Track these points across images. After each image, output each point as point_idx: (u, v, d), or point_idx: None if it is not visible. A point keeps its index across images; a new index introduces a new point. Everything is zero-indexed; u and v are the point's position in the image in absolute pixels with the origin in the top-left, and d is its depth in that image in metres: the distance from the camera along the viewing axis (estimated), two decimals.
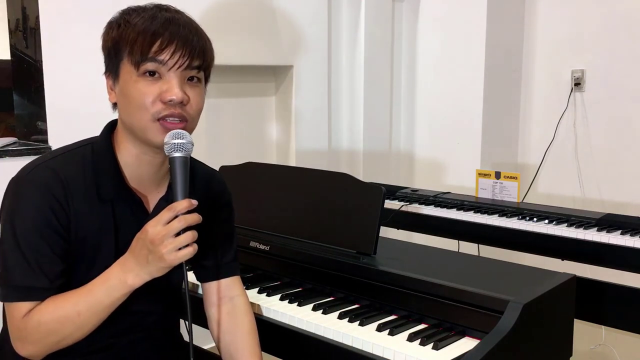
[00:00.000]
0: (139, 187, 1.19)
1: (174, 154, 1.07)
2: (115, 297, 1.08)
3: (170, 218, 1.03)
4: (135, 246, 1.07)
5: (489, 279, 1.42)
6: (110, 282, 1.08)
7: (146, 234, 1.04)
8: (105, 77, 1.16)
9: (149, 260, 1.04)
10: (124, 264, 1.08)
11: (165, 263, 1.04)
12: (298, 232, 1.63)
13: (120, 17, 1.13)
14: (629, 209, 2.98)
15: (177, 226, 1.03)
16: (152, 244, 1.03)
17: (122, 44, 1.09)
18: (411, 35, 3.48)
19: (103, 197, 1.14)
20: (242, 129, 2.88)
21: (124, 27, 1.10)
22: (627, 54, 3.03)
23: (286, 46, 2.86)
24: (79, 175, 1.13)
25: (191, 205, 1.05)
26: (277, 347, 1.42)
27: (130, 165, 1.17)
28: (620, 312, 2.09)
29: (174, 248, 1.02)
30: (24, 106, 2.29)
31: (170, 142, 1.08)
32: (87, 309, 1.07)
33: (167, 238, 1.02)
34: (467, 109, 3.28)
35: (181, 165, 1.07)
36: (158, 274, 1.07)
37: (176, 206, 1.04)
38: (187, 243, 1.04)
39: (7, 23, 2.28)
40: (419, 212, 2.53)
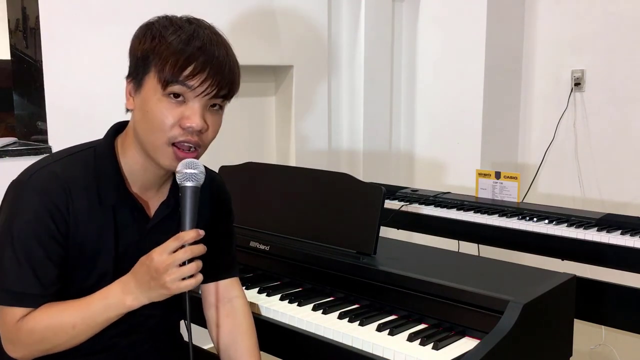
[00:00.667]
0: (141, 192, 1.19)
1: (185, 183, 1.07)
2: (111, 316, 1.08)
3: (176, 247, 1.04)
4: (138, 270, 1.07)
5: (489, 279, 1.42)
6: (109, 300, 1.08)
7: (151, 261, 1.04)
8: (127, 81, 1.14)
9: (151, 286, 1.05)
10: (125, 285, 1.08)
11: (167, 291, 1.05)
12: (298, 232, 1.63)
13: (156, 29, 1.10)
14: (629, 209, 2.97)
15: (182, 257, 1.03)
16: (157, 272, 1.03)
17: (153, 59, 1.07)
18: (411, 35, 3.48)
19: (104, 203, 1.13)
20: (242, 129, 2.88)
21: (159, 42, 1.07)
22: (627, 54, 3.03)
23: (286, 46, 2.86)
24: (81, 180, 1.12)
25: (198, 236, 1.06)
26: (277, 347, 1.42)
27: (134, 172, 1.16)
28: (620, 312, 2.10)
29: (177, 278, 1.03)
30: (24, 106, 2.29)
31: (182, 171, 1.07)
32: (82, 322, 1.07)
33: (171, 267, 1.03)
34: (467, 109, 3.27)
35: (192, 195, 1.08)
36: (158, 299, 1.07)
37: (184, 236, 1.05)
38: (191, 274, 1.04)
39: (7, 23, 2.29)
40: (419, 212, 2.53)
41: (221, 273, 1.34)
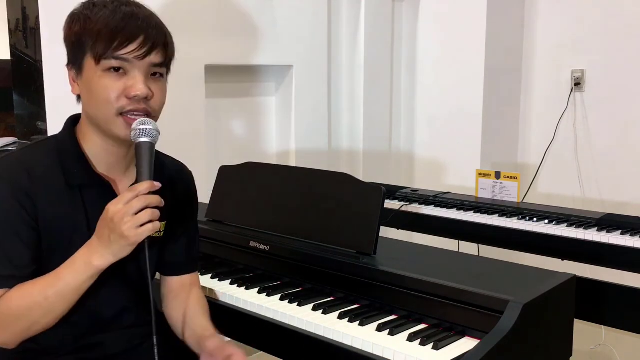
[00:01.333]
0: (108, 173, 1.22)
1: (140, 139, 1.11)
2: (81, 280, 1.09)
3: (131, 198, 1.06)
4: (99, 227, 1.09)
5: (489, 279, 1.42)
6: (76, 265, 1.10)
7: (107, 213, 1.06)
8: (68, 69, 1.19)
9: (111, 239, 1.06)
10: (90, 246, 1.10)
11: (127, 241, 1.05)
12: (298, 232, 1.63)
13: (82, 11, 1.15)
14: (629, 209, 2.97)
15: (137, 205, 1.05)
16: (112, 221, 1.05)
17: (85, 39, 1.12)
18: (411, 35, 3.48)
19: (71, 183, 1.17)
20: (242, 129, 2.88)
21: (85, 22, 1.13)
22: (627, 54, 3.03)
23: (286, 46, 2.86)
24: (45, 165, 1.16)
25: (153, 186, 1.08)
26: (277, 347, 1.42)
27: (97, 155, 1.20)
28: (620, 312, 2.09)
29: (133, 225, 1.04)
30: (24, 106, 2.29)
31: (136, 127, 1.11)
32: (55, 293, 1.09)
33: (127, 216, 1.04)
34: (467, 109, 3.27)
35: (146, 150, 1.11)
36: (122, 253, 1.08)
37: (138, 187, 1.07)
38: (147, 220, 1.05)
39: (7, 23, 2.28)
40: (419, 212, 2.53)
41: (185, 267, 1.38)
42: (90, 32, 1.12)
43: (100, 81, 1.12)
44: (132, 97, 1.12)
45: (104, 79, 1.12)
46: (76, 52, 1.15)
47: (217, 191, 1.85)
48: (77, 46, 1.14)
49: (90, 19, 1.13)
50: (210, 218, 1.84)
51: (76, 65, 1.16)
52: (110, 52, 1.11)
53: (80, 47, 1.14)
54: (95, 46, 1.11)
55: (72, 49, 1.16)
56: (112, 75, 1.12)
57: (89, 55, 1.13)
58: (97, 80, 1.13)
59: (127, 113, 1.13)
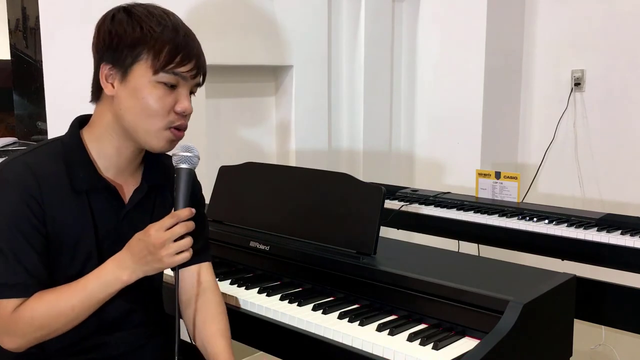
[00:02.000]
0: (115, 177, 1.23)
1: (181, 165, 1.16)
2: (109, 292, 1.14)
3: (172, 224, 1.11)
4: (134, 246, 1.12)
5: (489, 279, 1.42)
6: (105, 277, 1.13)
7: (149, 237, 1.10)
8: (103, 66, 1.17)
9: (147, 260, 1.11)
10: (120, 261, 1.13)
11: (163, 265, 1.12)
12: (298, 232, 1.63)
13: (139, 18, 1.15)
14: (629, 209, 2.97)
15: (179, 232, 1.11)
16: (154, 247, 1.10)
17: (145, 48, 1.14)
18: (411, 35, 3.48)
19: (77, 189, 1.17)
20: (242, 129, 2.88)
21: (148, 32, 1.14)
22: (627, 54, 3.03)
23: (286, 46, 2.86)
24: (52, 168, 1.16)
25: (191, 213, 1.13)
26: (277, 347, 1.42)
27: (107, 157, 1.21)
28: (620, 312, 2.10)
29: (173, 252, 1.11)
30: (24, 106, 2.29)
31: (179, 154, 1.16)
32: (81, 303, 1.12)
33: (168, 242, 1.10)
34: (467, 109, 3.27)
35: (186, 177, 1.16)
36: (152, 273, 1.14)
37: (179, 214, 1.12)
38: (185, 248, 1.12)
39: (7, 23, 2.29)
40: (419, 212, 2.53)
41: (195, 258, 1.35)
42: (153, 43, 1.13)
43: (153, 91, 1.15)
44: (180, 112, 1.17)
45: (157, 90, 1.15)
46: (126, 55, 1.14)
47: (217, 191, 1.86)
48: (131, 51, 1.14)
49: (153, 29, 1.14)
50: (210, 218, 1.83)
51: (121, 68, 1.15)
52: (171, 67, 1.14)
53: (134, 53, 1.14)
54: (158, 58, 1.14)
55: (122, 51, 1.14)
56: (165, 89, 1.16)
57: (144, 64, 1.14)
58: (149, 89, 1.14)
59: (174, 127, 1.18)
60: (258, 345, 1.48)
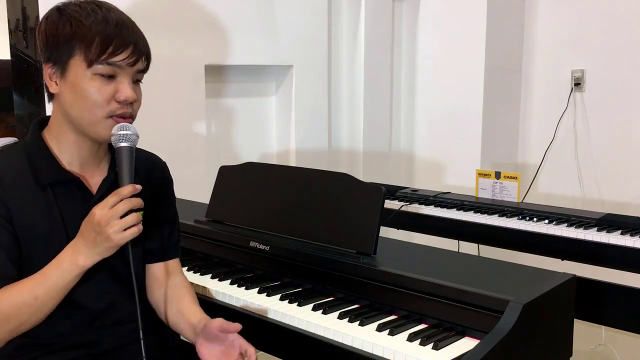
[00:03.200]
0: (80, 170, 1.25)
1: (120, 144, 1.16)
2: (68, 279, 1.14)
3: (116, 202, 1.11)
4: (84, 229, 1.13)
5: (489, 279, 1.42)
6: (63, 265, 1.14)
7: (93, 216, 1.11)
8: (45, 66, 1.21)
9: (97, 241, 1.11)
10: (75, 247, 1.14)
11: (112, 243, 1.11)
12: (298, 232, 1.63)
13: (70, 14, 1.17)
14: (629, 209, 2.97)
15: (122, 208, 1.10)
16: (99, 225, 1.10)
17: (76, 42, 1.16)
18: (411, 35, 3.48)
19: (41, 182, 1.20)
20: (242, 129, 2.88)
21: (78, 26, 1.16)
22: (627, 54, 3.03)
23: (286, 46, 2.86)
24: (14, 168, 1.19)
25: (135, 190, 1.13)
26: (277, 347, 1.42)
27: (68, 152, 1.23)
28: (620, 312, 2.10)
29: (120, 229, 1.10)
30: (24, 106, 2.29)
31: (117, 133, 1.16)
32: (44, 292, 1.13)
33: (113, 219, 1.09)
34: (467, 109, 3.27)
35: (127, 154, 1.16)
36: (107, 253, 1.14)
37: (122, 191, 1.12)
38: (132, 224, 1.11)
39: (7, 23, 2.28)
40: (419, 212, 2.53)
41: (166, 253, 1.39)
42: (83, 36, 1.15)
43: (90, 83, 1.16)
44: (121, 101, 1.18)
45: (95, 82, 1.16)
46: (62, 52, 1.17)
47: (217, 191, 1.85)
48: (65, 47, 1.16)
49: (82, 23, 1.16)
50: (210, 218, 1.84)
51: (59, 65, 1.18)
52: (104, 58, 1.15)
53: (68, 49, 1.16)
54: (89, 51, 1.15)
55: (57, 49, 1.18)
56: (103, 79, 1.17)
57: (78, 58, 1.16)
58: (87, 82, 1.16)
59: (116, 116, 1.18)
60: (258, 345, 1.48)
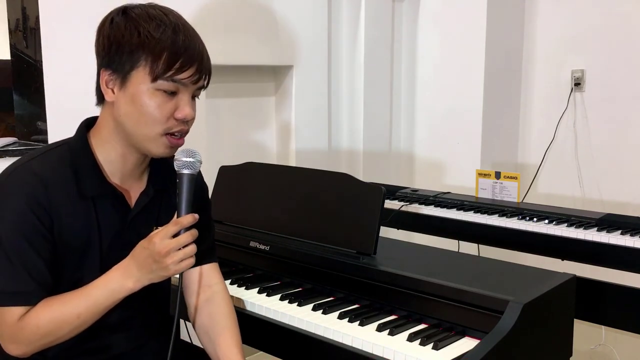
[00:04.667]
0: (121, 182, 1.22)
1: (184, 170, 1.13)
2: (114, 300, 1.13)
3: (175, 232, 1.10)
4: (139, 254, 1.11)
5: (489, 279, 1.42)
6: (111, 285, 1.12)
7: (154, 245, 1.09)
8: (102, 72, 1.15)
9: (152, 269, 1.10)
10: (126, 269, 1.12)
11: (169, 273, 1.11)
12: (298, 232, 1.63)
13: (137, 22, 1.12)
14: (629, 209, 2.97)
15: (184, 240, 1.10)
16: (159, 255, 1.08)
17: (143, 54, 1.11)
18: (411, 35, 3.48)
19: (84, 194, 1.16)
20: (242, 129, 2.88)
21: (147, 37, 1.11)
22: (627, 54, 3.03)
23: (286, 46, 2.86)
24: (59, 175, 1.15)
25: (195, 220, 1.12)
26: (277, 347, 1.42)
27: (112, 162, 1.20)
28: (620, 312, 2.10)
29: (178, 260, 1.09)
30: (24, 106, 2.29)
31: (181, 159, 1.13)
32: (87, 310, 1.11)
33: (173, 251, 1.09)
34: (467, 109, 3.27)
35: (188, 183, 1.14)
36: (157, 280, 1.13)
37: (182, 221, 1.11)
38: (190, 255, 1.11)
39: (7, 23, 2.28)
40: (419, 212, 2.53)
41: (201, 258, 1.36)
42: (151, 49, 1.10)
43: (152, 98, 1.12)
44: (180, 119, 1.15)
45: (157, 97, 1.12)
46: (125, 61, 1.12)
47: (217, 191, 1.85)
48: (129, 57, 1.11)
49: (151, 34, 1.11)
50: None
51: (120, 74, 1.13)
52: (170, 75, 1.12)
53: (133, 59, 1.11)
54: (156, 65, 1.11)
55: (121, 56, 1.12)
56: (165, 95, 1.13)
57: (142, 70, 1.11)
58: (148, 96, 1.12)
59: (172, 133, 1.16)
60: (258, 345, 1.48)
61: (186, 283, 1.37)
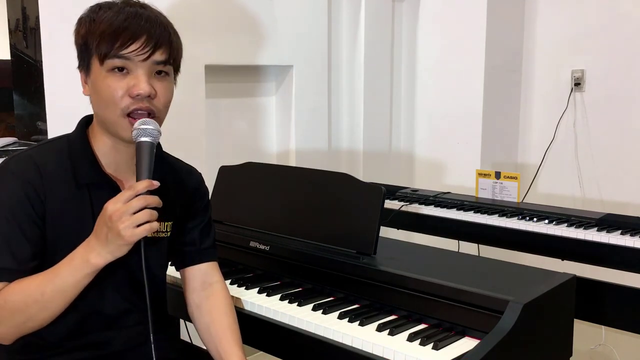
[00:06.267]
0: (116, 173, 1.24)
1: (140, 138, 1.11)
2: (79, 277, 1.09)
3: (130, 197, 1.05)
4: (97, 225, 1.09)
5: (489, 279, 1.42)
6: (74, 262, 1.09)
7: (105, 211, 1.06)
8: (79, 71, 1.21)
9: (108, 238, 1.06)
10: (88, 244, 1.09)
11: (123, 240, 1.05)
12: (298, 232, 1.63)
13: (88, 14, 1.18)
14: (629, 209, 2.97)
15: (135, 205, 1.04)
16: (110, 220, 1.04)
17: (90, 40, 1.14)
18: (411, 35, 3.48)
19: (80, 182, 1.18)
20: (242, 129, 2.88)
21: (90, 24, 1.15)
22: (627, 54, 3.03)
23: (286, 46, 2.86)
24: (56, 163, 1.17)
25: (151, 185, 1.08)
26: (277, 347, 1.42)
27: (106, 154, 1.22)
28: (620, 312, 2.10)
29: (131, 224, 1.04)
30: (24, 106, 2.29)
31: (137, 127, 1.12)
32: (52, 289, 1.08)
33: (124, 215, 1.04)
34: (467, 109, 3.27)
35: (146, 150, 1.11)
36: (119, 252, 1.08)
37: (136, 186, 1.07)
38: (144, 220, 1.05)
39: (7, 23, 2.29)
40: (419, 212, 2.53)
41: (201, 256, 1.38)
42: (94, 33, 1.13)
43: (104, 81, 1.14)
44: (135, 96, 1.13)
45: (108, 78, 1.14)
46: (84, 54, 1.17)
47: (217, 191, 1.86)
48: (84, 48, 1.16)
49: (95, 20, 1.15)
50: None
51: (85, 67, 1.18)
52: (113, 52, 1.12)
53: (86, 49, 1.16)
54: (100, 46, 1.13)
55: (80, 51, 1.18)
56: (116, 75, 1.13)
57: (94, 56, 1.15)
58: (101, 80, 1.14)
59: (132, 113, 1.14)
60: (258, 345, 1.48)
61: (186, 281, 1.38)
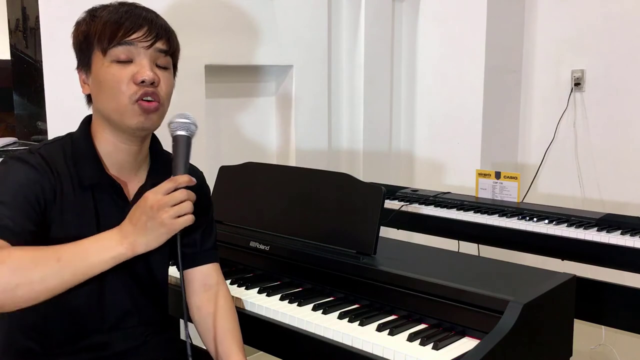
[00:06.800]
0: (119, 174, 1.23)
1: (177, 132, 1.13)
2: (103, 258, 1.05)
3: (171, 189, 1.08)
4: (133, 214, 1.08)
5: (489, 279, 1.42)
6: (103, 241, 1.07)
7: (146, 201, 1.06)
8: (78, 73, 1.22)
9: (148, 226, 1.06)
10: (122, 229, 1.08)
11: (165, 228, 1.06)
12: (298, 232, 1.63)
13: (86, 15, 1.20)
14: (629, 209, 2.97)
15: (178, 196, 1.07)
16: (152, 209, 1.05)
17: (91, 36, 1.16)
18: (411, 35, 3.48)
19: (84, 184, 1.18)
20: (242, 129, 2.88)
21: (91, 21, 1.17)
22: (627, 54, 3.03)
23: (286, 46, 2.86)
24: (62, 164, 1.18)
25: (191, 181, 1.10)
26: (277, 347, 1.42)
27: (108, 154, 1.22)
28: (620, 312, 2.10)
29: (174, 214, 1.06)
30: (24, 106, 2.29)
31: (175, 120, 1.13)
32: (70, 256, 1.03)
33: (167, 205, 1.05)
34: (467, 109, 3.27)
35: (183, 144, 1.13)
36: (156, 243, 1.07)
37: (178, 179, 1.09)
38: (186, 212, 1.07)
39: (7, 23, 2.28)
40: (419, 212, 2.53)
41: (203, 258, 1.38)
42: (95, 27, 1.16)
43: (108, 71, 1.15)
44: (139, 83, 1.14)
45: (112, 68, 1.15)
46: (84, 51, 1.18)
47: (217, 191, 1.85)
48: (85, 45, 1.18)
49: (95, 17, 1.17)
50: None
51: (85, 65, 1.19)
52: (117, 40, 1.14)
53: (87, 45, 1.17)
54: (102, 38, 1.14)
55: (80, 49, 1.19)
56: (120, 65, 1.15)
57: (96, 50, 1.16)
58: (105, 70, 1.15)
59: (139, 99, 1.15)
60: (258, 345, 1.48)
61: (187, 283, 1.37)
